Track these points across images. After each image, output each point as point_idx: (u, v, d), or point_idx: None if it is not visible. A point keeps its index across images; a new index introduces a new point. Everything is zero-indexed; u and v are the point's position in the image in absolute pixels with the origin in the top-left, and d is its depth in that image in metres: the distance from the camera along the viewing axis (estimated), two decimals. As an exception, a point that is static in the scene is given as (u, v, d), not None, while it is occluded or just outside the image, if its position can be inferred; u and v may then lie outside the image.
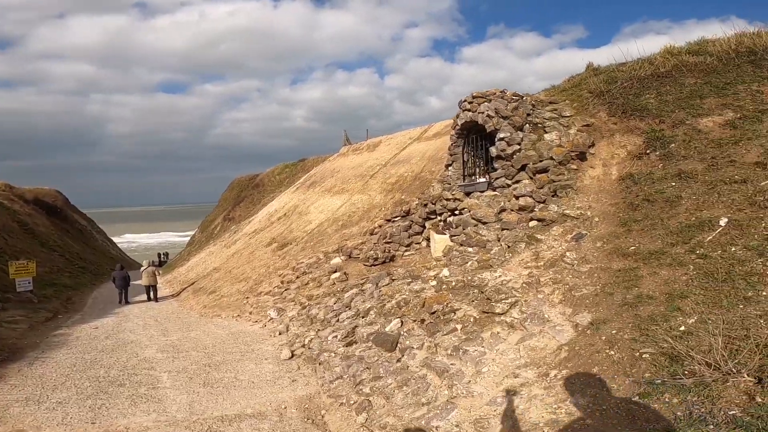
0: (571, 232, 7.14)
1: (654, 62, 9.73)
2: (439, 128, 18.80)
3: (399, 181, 16.61)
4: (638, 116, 8.95)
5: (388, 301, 7.52)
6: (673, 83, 9.00)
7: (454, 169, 11.41)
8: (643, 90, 9.31)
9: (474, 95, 10.36)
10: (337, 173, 22.28)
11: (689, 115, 8.18)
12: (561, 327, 4.98)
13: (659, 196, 6.71)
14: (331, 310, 9.29)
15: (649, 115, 8.77)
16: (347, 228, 15.77)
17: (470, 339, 5.50)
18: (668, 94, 8.88)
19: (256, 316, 11.58)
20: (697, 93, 8.49)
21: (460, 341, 5.58)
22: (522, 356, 4.80)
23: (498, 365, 4.81)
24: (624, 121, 9.15)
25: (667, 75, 9.24)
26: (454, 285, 6.68)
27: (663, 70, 9.39)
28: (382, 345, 6.23)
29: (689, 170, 6.93)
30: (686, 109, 8.34)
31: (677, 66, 9.26)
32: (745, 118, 7.42)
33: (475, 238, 8.30)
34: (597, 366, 4.07)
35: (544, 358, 4.62)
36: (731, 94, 8.05)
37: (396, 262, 12.00)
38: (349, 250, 13.26)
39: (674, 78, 9.09)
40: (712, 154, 7.08)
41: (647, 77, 9.49)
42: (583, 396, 3.80)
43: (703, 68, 8.90)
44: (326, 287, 11.73)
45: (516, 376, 4.45)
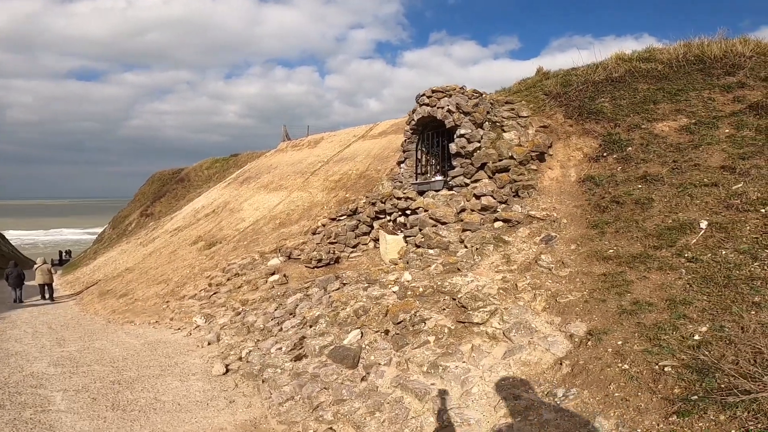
0: (539, 234, 6.70)
1: (606, 67, 9.75)
2: (385, 127, 18.15)
3: (343, 179, 15.67)
4: (594, 119, 8.85)
5: (342, 308, 6.58)
6: (627, 88, 9.03)
7: (406, 167, 10.73)
8: (598, 94, 9.26)
9: (433, 90, 9.75)
10: (275, 169, 20.80)
11: (644, 120, 8.17)
12: (553, 338, 4.40)
13: (628, 198, 6.46)
14: (271, 318, 8.13)
15: (605, 119, 8.70)
16: (286, 227, 14.53)
17: (449, 353, 4.75)
18: (622, 98, 8.88)
19: (178, 323, 10.04)
20: (650, 98, 8.53)
21: (436, 356, 4.80)
22: (515, 372, 4.14)
23: (488, 384, 4.10)
24: (580, 123, 9.03)
25: (621, 80, 9.26)
26: (421, 291, 5.91)
27: (616, 75, 9.41)
28: (342, 361, 5.29)
29: (654, 173, 6.78)
30: (640, 113, 8.34)
31: (630, 71, 9.33)
32: (701, 123, 7.48)
33: (435, 239, 7.63)
34: (613, 383, 3.50)
35: (542, 374, 4.00)
36: (683, 101, 8.15)
37: (341, 264, 11.06)
38: (288, 251, 12.08)
39: (627, 83, 9.12)
40: (673, 158, 7.00)
41: (601, 81, 9.47)
42: (606, 418, 3.20)
43: (654, 74, 9.01)
44: (264, 291, 10.49)
45: (516, 398, 3.76)
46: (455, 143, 8.97)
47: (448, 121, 9.25)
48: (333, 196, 14.76)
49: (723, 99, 7.90)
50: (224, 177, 27.83)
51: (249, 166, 25.40)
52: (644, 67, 9.31)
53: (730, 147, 6.60)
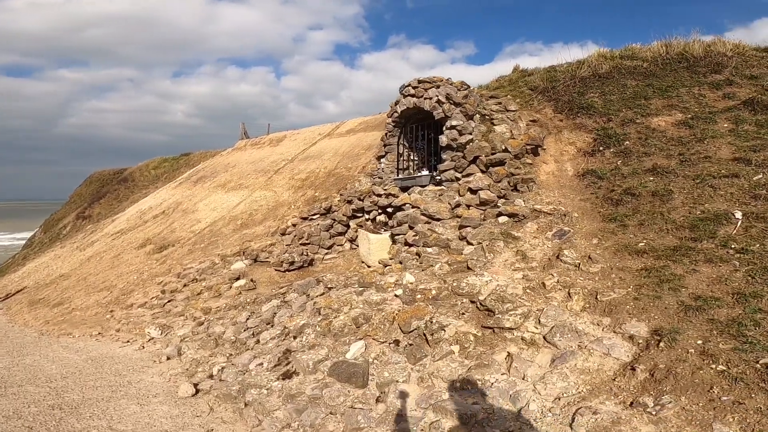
0: (550, 229, 6.10)
1: (590, 64, 9.47)
2: (353, 125, 17.25)
3: (310, 177, 14.58)
4: (585, 114, 8.49)
5: (334, 316, 5.60)
6: (615, 84, 8.76)
7: (387, 162, 9.91)
8: (587, 89, 8.94)
9: (419, 80, 9.02)
10: (233, 168, 19.24)
11: (638, 115, 7.88)
12: (609, 340, 3.73)
13: (643, 190, 6.01)
14: (244, 328, 6.97)
15: (596, 113, 8.36)
16: (249, 228, 13.22)
17: (483, 365, 3.94)
18: (611, 94, 8.59)
19: (127, 335, 8.55)
20: (640, 94, 8.29)
21: (465, 369, 3.98)
22: (575, 382, 3.41)
23: (547, 398, 3.33)
24: (571, 118, 8.65)
25: (608, 76, 9.00)
26: (435, 294, 5.06)
27: (602, 71, 9.14)
28: (349, 379, 4.31)
29: (663, 165, 6.40)
30: (633, 108, 8.06)
31: (615, 68, 9.09)
32: (697, 118, 7.26)
33: (432, 237, 6.84)
34: (715, 386, 2.85)
35: (611, 382, 3.30)
36: (675, 96, 7.94)
37: (316, 266, 10.01)
38: (254, 253, 10.85)
39: (615, 79, 8.86)
40: (678, 151, 6.68)
41: (588, 77, 9.17)
42: (725, 424, 2.55)
43: (641, 72, 8.81)
44: (229, 298, 9.22)
45: (595, 412, 3.01)
46: (446, 135, 8.27)
47: (437, 113, 8.55)
48: (301, 195, 13.65)
49: (713, 96, 7.76)
50: (174, 177, 25.68)
51: (203, 165, 23.53)
52: (629, 64, 9.11)
53: (736, 140, 6.35)
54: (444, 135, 8.29)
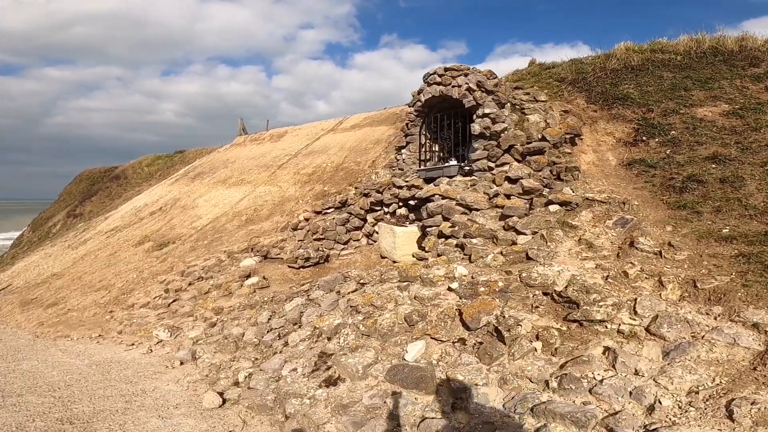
0: (609, 218, 5.51)
1: (618, 57, 8.98)
2: (357, 120, 16.57)
3: (317, 171, 13.84)
4: (621, 105, 7.98)
5: (378, 314, 4.90)
6: (650, 76, 8.27)
7: (409, 153, 9.25)
8: (619, 81, 8.43)
9: (446, 68, 8.40)
10: (233, 164, 18.36)
11: (680, 105, 7.38)
12: (731, 330, 3.17)
13: (709, 178, 5.48)
14: (267, 329, 6.23)
15: (634, 104, 7.85)
16: (255, 224, 12.41)
17: (579, 362, 3.31)
18: (648, 85, 8.09)
19: (131, 337, 7.71)
20: (679, 86, 7.80)
21: (556, 367, 3.35)
22: (710, 375, 2.82)
23: (681, 394, 2.72)
24: (606, 109, 8.12)
25: (641, 68, 8.50)
26: (502, 286, 4.41)
27: (634, 63, 8.65)
28: (416, 385, 3.62)
29: (724, 154, 5.88)
30: (673, 99, 7.56)
31: (647, 61, 8.60)
32: (746, 109, 6.78)
33: (473, 228, 6.19)
34: None
35: (755, 371, 2.75)
36: (717, 88, 7.47)
37: (332, 263, 9.29)
38: (264, 250, 10.08)
39: (649, 71, 8.37)
40: (735, 140, 6.17)
41: (619, 70, 8.66)
42: None
43: (675, 64, 8.33)
44: (241, 297, 8.45)
45: (754, 403, 2.40)
46: (478, 123, 7.65)
47: (467, 101, 7.93)
48: (309, 190, 12.90)
49: (756, 88, 7.30)
50: (169, 174, 24.62)
51: (199, 161, 22.56)
52: (661, 57, 8.62)
53: (798, 128, 5.86)
54: (476, 123, 7.67)
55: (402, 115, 14.96)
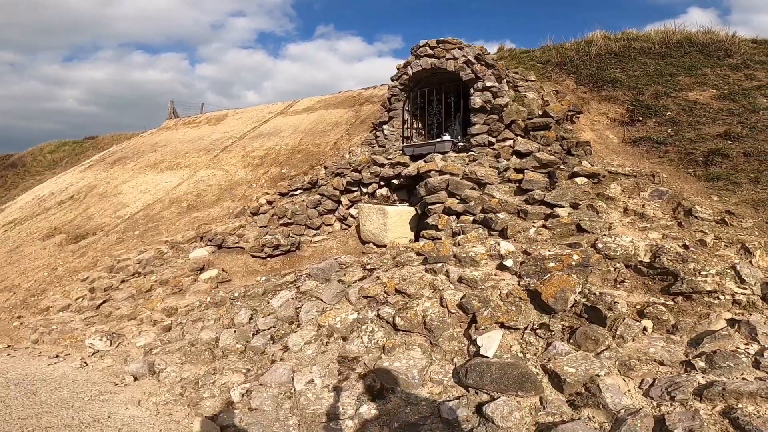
0: (641, 189, 5.05)
1: (597, 44, 8.80)
2: (309, 104, 15.17)
3: (270, 154, 12.28)
4: (611, 87, 7.74)
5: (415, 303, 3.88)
6: (633, 62, 8.14)
7: (392, 129, 8.26)
8: (605, 65, 8.21)
9: (439, 40, 7.55)
10: (164, 147, 15.90)
11: (670, 90, 7.27)
12: None
13: (732, 152, 5.22)
14: (251, 331, 4.88)
15: (623, 87, 7.64)
16: (199, 210, 10.60)
17: (718, 337, 2.65)
18: (633, 70, 7.95)
19: (52, 347, 5.85)
20: (664, 71, 7.72)
21: (683, 347, 2.64)
22: None
23: None
24: (596, 91, 7.83)
25: (623, 55, 8.36)
26: (576, 260, 3.62)
27: (616, 50, 8.50)
28: (519, 386, 2.67)
29: (736, 132, 5.71)
30: (661, 84, 7.45)
31: (628, 48, 8.50)
32: (735, 93, 6.78)
33: (492, 202, 5.40)
34: None
35: None
36: (700, 75, 7.47)
37: (303, 250, 8.01)
38: (218, 238, 8.49)
39: (632, 58, 8.25)
40: (737, 120, 6.06)
41: (603, 55, 8.46)
42: None
43: (655, 52, 8.29)
44: (199, 294, 6.90)
45: None
46: (479, 97, 6.90)
47: (465, 74, 7.14)
48: (263, 173, 11.34)
49: (736, 76, 7.40)
50: (79, 161, 21.04)
51: (118, 147, 19.46)
52: (639, 45, 8.56)
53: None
54: (476, 97, 6.91)
55: (360, 99, 13.92)
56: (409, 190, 7.83)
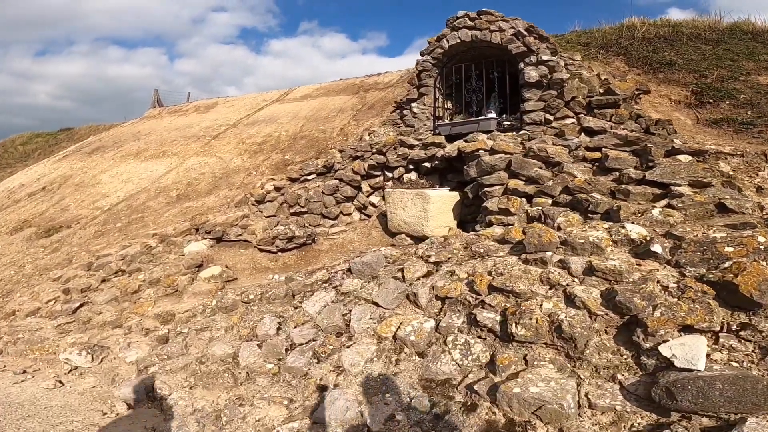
0: (760, 168, 4.14)
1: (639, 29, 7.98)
2: (307, 91, 14.00)
3: (269, 140, 11.03)
4: (668, 69, 6.91)
5: (531, 305, 2.81)
6: (687, 46, 7.34)
7: (422, 107, 7.19)
8: (657, 49, 7.38)
9: (480, 12, 6.56)
10: (148, 136, 14.36)
11: (736, 73, 6.49)
12: None
13: None
14: (284, 345, 3.69)
15: (682, 70, 6.83)
16: (192, 200, 9.27)
17: None
18: (689, 54, 7.14)
19: (18, 360, 4.50)
20: (723, 56, 6.94)
21: None
22: None
23: None
24: (651, 73, 6.99)
25: (674, 39, 7.56)
26: (764, 244, 2.63)
27: (664, 34, 7.70)
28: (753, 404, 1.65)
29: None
30: (725, 68, 6.67)
31: (677, 33, 7.70)
32: (812, 75, 6.04)
33: (578, 182, 4.39)
34: None
35: None
36: (764, 61, 6.71)
37: (320, 244, 6.86)
38: (218, 230, 7.25)
39: (684, 42, 7.45)
40: (832, 100, 5.29)
41: (652, 39, 7.64)
42: None
43: (707, 38, 7.50)
44: (200, 296, 5.68)
45: None
46: (534, 71, 5.92)
47: (515, 46, 6.14)
48: (263, 159, 10.09)
49: (801, 60, 6.67)
50: (53, 153, 19.17)
51: (96, 137, 17.74)
52: (687, 32, 7.77)
53: None
54: (530, 71, 5.93)
55: (364, 86, 12.83)
56: (441, 174, 6.79)
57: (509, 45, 6.18)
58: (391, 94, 11.02)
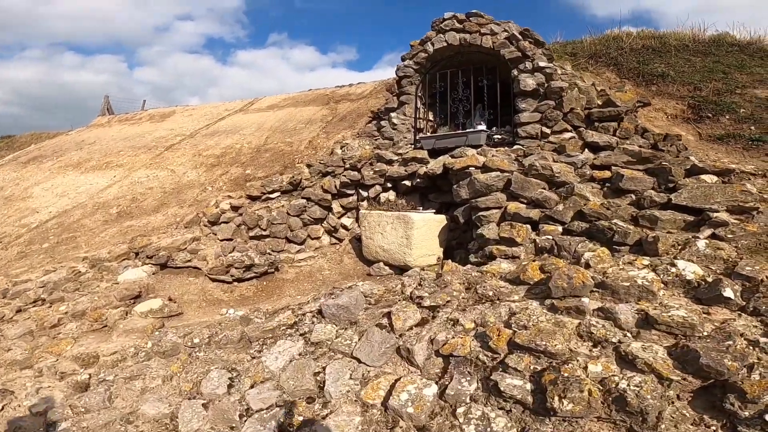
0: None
1: (627, 40, 7.74)
2: (274, 101, 13.13)
3: (229, 153, 10.05)
4: (661, 81, 6.59)
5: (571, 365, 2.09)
6: (676, 58, 7.10)
7: (402, 118, 6.51)
8: (647, 60, 7.10)
9: (469, 14, 6.03)
10: (92, 145, 12.98)
11: (731, 86, 6.21)
12: None
13: None
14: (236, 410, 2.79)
15: (675, 83, 6.51)
16: (135, 218, 8.14)
17: None
18: (679, 65, 6.88)
19: None
20: (714, 69, 6.70)
21: None
22: None
23: None
24: (644, 85, 6.64)
25: (663, 51, 7.32)
26: None
27: (652, 45, 7.46)
28: None
29: None
30: (718, 81, 6.39)
31: (665, 44, 7.49)
32: (810, 91, 5.83)
33: (593, 206, 3.78)
34: None
35: None
36: (756, 74, 6.50)
37: (284, 272, 5.99)
38: (162, 255, 6.25)
39: (673, 54, 7.21)
40: (841, 116, 5.01)
41: (640, 50, 7.37)
42: None
43: (695, 50, 7.31)
44: (131, 335, 4.68)
45: None
46: (530, 79, 5.38)
47: (508, 51, 5.61)
48: (221, 174, 9.10)
49: (792, 75, 6.52)
50: (-18, 160, 17.25)
51: (38, 146, 16.08)
52: (675, 43, 7.58)
53: None
54: (526, 78, 5.38)
55: (335, 97, 12.11)
56: (423, 194, 6.11)
57: (502, 50, 5.64)
58: (365, 105, 10.37)
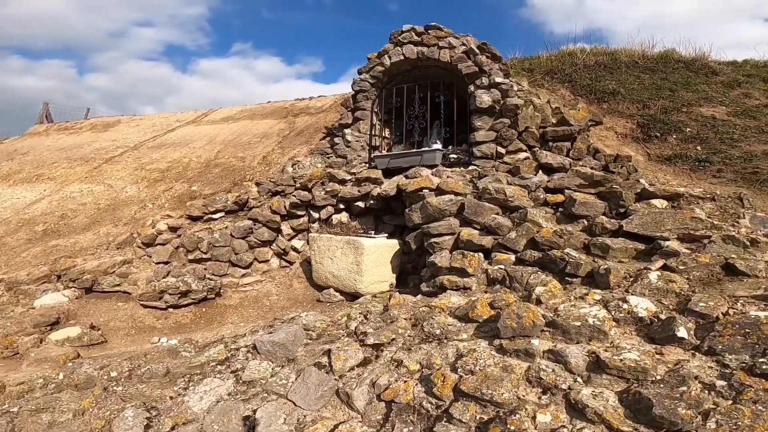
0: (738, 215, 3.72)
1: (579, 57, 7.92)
2: (230, 113, 12.60)
3: (175, 167, 9.48)
4: (612, 99, 6.73)
5: (518, 416, 1.90)
6: (626, 75, 7.28)
7: (357, 135, 6.29)
8: (599, 77, 7.23)
9: (427, 26, 5.92)
10: (24, 155, 11.94)
11: (678, 104, 6.41)
12: None
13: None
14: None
15: (626, 101, 6.66)
16: (62, 237, 7.47)
17: None
18: (630, 83, 7.05)
19: None
20: (661, 86, 6.92)
21: None
22: None
23: None
24: (596, 103, 6.75)
25: (614, 68, 7.50)
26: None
27: (605, 62, 7.64)
28: None
29: (794, 147, 4.78)
30: (665, 98, 6.58)
31: (616, 61, 7.69)
32: (749, 109, 6.10)
33: (545, 233, 3.67)
34: None
35: None
36: (701, 91, 6.75)
37: (227, 298, 5.60)
38: (87, 279, 5.72)
39: (623, 71, 7.40)
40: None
41: (592, 66, 7.52)
42: None
43: (644, 67, 7.51)
44: (43, 365, 4.15)
45: None
46: (486, 95, 5.30)
47: (465, 65, 5.52)
48: (164, 190, 8.53)
49: (735, 93, 6.82)
50: None
51: (-44, 153, 14.69)
52: (625, 59, 7.82)
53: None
54: (482, 94, 5.30)
55: (294, 110, 11.76)
56: (377, 216, 5.89)
57: (459, 64, 5.55)
58: (323, 119, 10.09)
